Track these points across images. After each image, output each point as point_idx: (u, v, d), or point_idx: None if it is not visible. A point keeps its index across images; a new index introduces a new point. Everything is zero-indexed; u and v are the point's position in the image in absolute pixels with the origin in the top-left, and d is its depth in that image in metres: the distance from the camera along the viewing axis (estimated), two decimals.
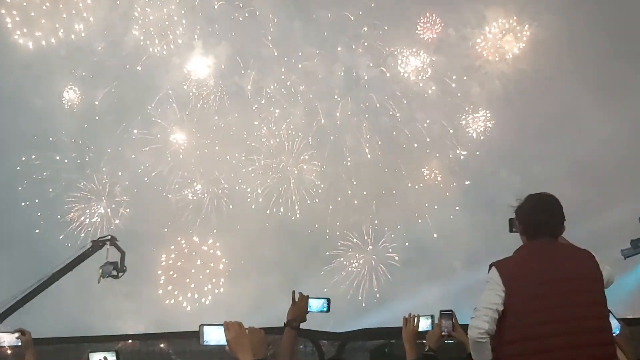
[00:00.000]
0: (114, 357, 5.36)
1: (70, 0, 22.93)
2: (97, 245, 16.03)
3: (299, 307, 4.22)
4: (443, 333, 4.84)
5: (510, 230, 4.62)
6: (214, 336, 3.49)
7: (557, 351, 3.82)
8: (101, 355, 5.32)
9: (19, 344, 5.13)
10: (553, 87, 23.06)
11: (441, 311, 4.92)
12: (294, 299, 4.24)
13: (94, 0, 23.14)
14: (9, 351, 5.24)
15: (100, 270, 14.38)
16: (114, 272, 14.45)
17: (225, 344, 3.39)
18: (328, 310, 4.50)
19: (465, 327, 4.90)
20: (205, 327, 3.51)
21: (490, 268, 4.13)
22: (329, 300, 4.51)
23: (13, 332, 5.24)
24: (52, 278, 14.82)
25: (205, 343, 3.50)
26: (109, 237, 16.45)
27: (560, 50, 22.75)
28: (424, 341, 4.88)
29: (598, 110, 21.84)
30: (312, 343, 6.32)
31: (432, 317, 5.01)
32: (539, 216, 4.19)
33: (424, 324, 4.93)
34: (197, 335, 3.56)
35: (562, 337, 3.83)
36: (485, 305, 3.96)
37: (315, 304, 4.39)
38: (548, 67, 23.20)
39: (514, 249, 4.28)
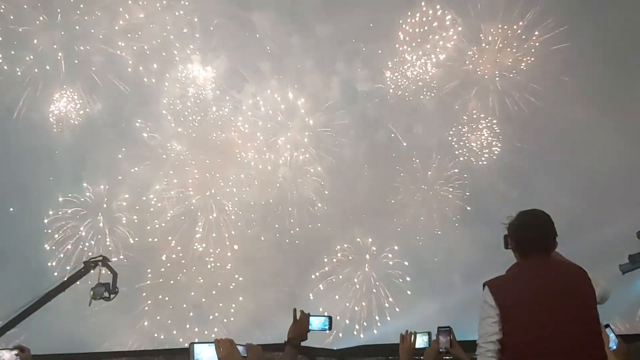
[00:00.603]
0: None
1: (70, 13, 23.06)
2: (90, 266, 15.83)
3: (300, 325, 4.15)
4: (441, 350, 4.79)
5: (505, 247, 4.60)
6: (205, 354, 3.45)
7: None
8: None
9: None
10: (552, 101, 23.13)
11: (439, 327, 4.88)
12: (295, 317, 4.17)
13: (94, 14, 23.26)
14: None
15: (92, 292, 14.18)
16: (106, 294, 14.27)
17: None
18: (330, 329, 4.47)
19: (462, 344, 4.89)
20: (196, 346, 3.48)
21: (483, 287, 4.13)
22: (330, 318, 4.49)
23: (12, 349, 5.17)
24: (43, 299, 14.54)
25: None
26: (101, 257, 16.24)
27: (561, 64, 22.88)
28: (422, 358, 4.82)
29: (596, 125, 21.86)
30: (309, 359, 6.23)
31: (429, 333, 4.97)
32: (530, 233, 4.19)
33: (421, 341, 4.88)
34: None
35: (556, 354, 3.80)
36: (485, 340, 3.99)
37: (316, 322, 4.36)
38: (548, 81, 23.30)
39: (512, 263, 4.27)
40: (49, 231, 22.95)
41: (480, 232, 22.08)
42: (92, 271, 15.18)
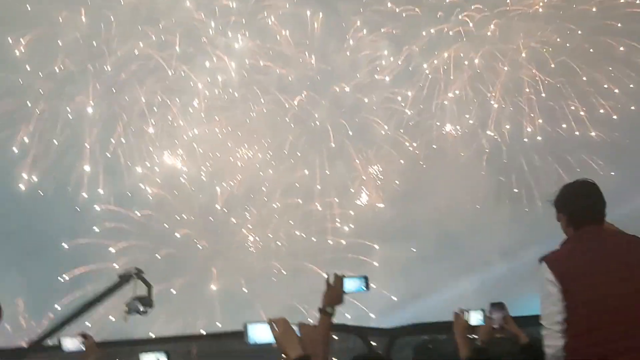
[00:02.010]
0: (165, 358, 5.29)
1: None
2: (125, 279, 15.65)
3: (334, 290, 3.91)
4: (494, 326, 4.69)
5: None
6: (261, 334, 3.39)
7: (621, 340, 3.66)
8: (153, 356, 5.27)
9: (83, 348, 5.09)
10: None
11: (491, 303, 4.78)
12: (328, 283, 3.94)
13: (115, 5, 23.34)
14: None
15: (127, 307, 14.10)
16: (141, 308, 14.14)
17: (273, 341, 3.31)
18: (367, 289, 4.14)
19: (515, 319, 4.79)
20: (249, 326, 3.42)
21: (540, 263, 3.99)
22: (366, 278, 4.16)
23: (75, 337, 5.19)
24: (76, 313, 14.44)
25: (251, 342, 3.41)
26: (135, 270, 16.09)
27: None
28: (475, 336, 4.73)
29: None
30: (361, 339, 6.13)
31: (483, 310, 4.85)
32: (583, 203, 4.05)
33: (475, 318, 4.77)
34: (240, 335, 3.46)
35: (621, 326, 3.67)
36: (550, 321, 3.85)
37: (351, 285, 4.05)
38: None
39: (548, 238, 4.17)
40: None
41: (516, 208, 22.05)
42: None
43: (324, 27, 24.37)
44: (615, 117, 22.71)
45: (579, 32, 22.90)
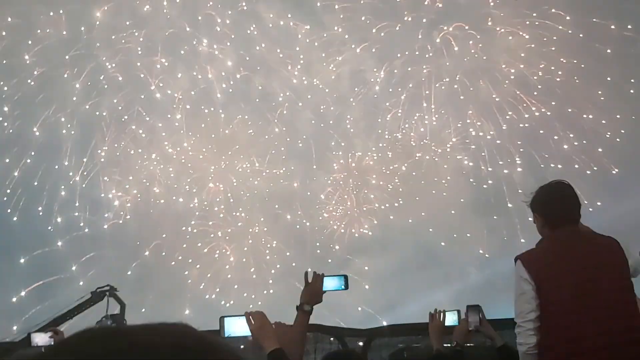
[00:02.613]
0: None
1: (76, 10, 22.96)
2: (97, 296, 15.26)
3: (314, 287, 3.82)
4: (470, 328, 4.70)
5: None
6: (237, 328, 3.38)
7: (592, 338, 3.71)
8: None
9: (52, 343, 4.99)
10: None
11: (468, 306, 4.78)
12: (306, 280, 3.86)
13: (102, 11, 23.16)
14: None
15: (98, 326, 13.75)
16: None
17: (249, 334, 3.28)
18: (346, 288, 4.06)
19: (491, 322, 4.81)
20: (226, 319, 3.42)
21: (515, 261, 4.03)
22: (346, 277, 4.08)
23: (46, 332, 5.13)
24: (49, 324, 13.93)
25: (227, 335, 3.39)
26: (108, 287, 15.68)
27: None
28: (451, 336, 4.74)
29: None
30: (337, 340, 6.09)
31: (459, 312, 4.85)
32: (558, 204, 4.11)
33: (450, 319, 4.76)
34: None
35: (592, 325, 3.73)
36: (524, 319, 3.88)
37: (331, 283, 3.95)
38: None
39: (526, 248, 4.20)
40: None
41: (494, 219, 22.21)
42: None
43: (309, 40, 24.50)
44: (600, 149, 22.72)
45: (562, 57, 23.13)
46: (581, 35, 22.45)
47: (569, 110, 22.99)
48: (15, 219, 22.33)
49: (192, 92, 24.29)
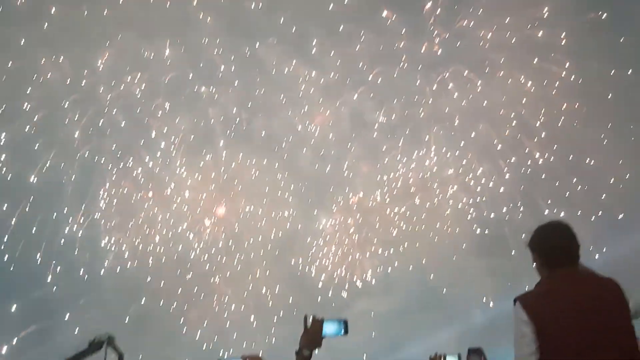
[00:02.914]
0: None
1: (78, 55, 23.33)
2: (95, 346, 15.00)
3: (312, 332, 3.79)
4: None
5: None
6: None
7: None
8: None
9: None
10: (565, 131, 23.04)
11: (469, 349, 4.73)
12: (305, 324, 3.84)
13: (104, 56, 23.55)
14: None
15: None
16: None
17: None
18: (346, 333, 3.98)
19: None
20: None
21: (514, 303, 4.00)
22: (346, 322, 4.00)
23: None
24: None
25: None
26: (107, 336, 15.49)
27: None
28: None
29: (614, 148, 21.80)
30: None
31: (459, 355, 4.79)
32: (556, 244, 4.09)
33: None
34: None
35: None
36: None
37: (330, 328, 3.89)
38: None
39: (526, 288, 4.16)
40: None
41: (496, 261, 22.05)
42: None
43: (308, 84, 24.83)
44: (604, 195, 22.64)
45: (563, 102, 23.32)
46: (580, 80, 22.77)
47: (572, 155, 23.05)
48: (12, 268, 22.18)
49: (192, 135, 24.46)
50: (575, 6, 22.28)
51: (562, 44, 22.97)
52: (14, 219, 22.35)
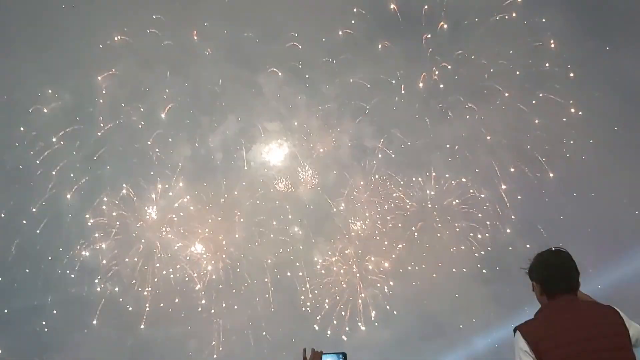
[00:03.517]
0: None
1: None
2: None
3: None
4: None
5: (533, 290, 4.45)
6: None
7: None
8: None
9: None
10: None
11: None
12: (304, 357, 3.89)
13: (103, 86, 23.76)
14: None
15: None
16: None
17: None
18: None
19: None
20: None
21: (514, 332, 4.00)
22: (345, 355, 4.09)
23: None
24: None
25: None
26: None
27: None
28: None
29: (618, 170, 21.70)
30: None
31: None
32: (555, 272, 4.10)
33: None
34: None
35: None
36: None
37: None
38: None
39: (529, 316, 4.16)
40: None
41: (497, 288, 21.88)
42: None
43: (307, 112, 25.00)
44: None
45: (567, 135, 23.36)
46: (581, 113, 22.91)
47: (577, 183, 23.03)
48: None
49: (192, 163, 24.54)
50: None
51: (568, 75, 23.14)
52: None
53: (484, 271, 23.24)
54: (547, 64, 23.36)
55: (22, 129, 22.90)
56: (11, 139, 22.82)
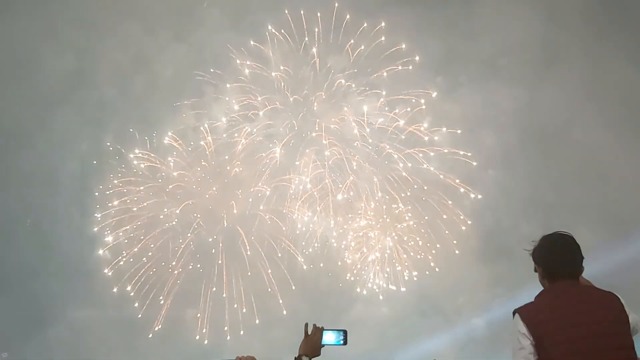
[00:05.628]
0: None
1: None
2: None
3: (312, 340, 3.84)
4: None
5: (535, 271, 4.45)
6: None
7: None
8: None
9: None
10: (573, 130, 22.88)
11: None
12: (306, 331, 3.87)
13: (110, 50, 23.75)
14: None
15: None
16: None
17: None
18: (345, 343, 4.06)
19: None
20: None
21: (514, 315, 4.00)
22: (345, 332, 4.08)
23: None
24: None
25: None
26: None
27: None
28: None
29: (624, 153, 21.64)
30: None
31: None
32: (558, 257, 4.08)
33: None
34: None
35: None
36: None
37: (330, 337, 3.98)
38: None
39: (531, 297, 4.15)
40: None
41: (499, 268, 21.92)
42: None
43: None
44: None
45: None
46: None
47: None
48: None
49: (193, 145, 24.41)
50: None
51: None
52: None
53: (486, 252, 23.25)
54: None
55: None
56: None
